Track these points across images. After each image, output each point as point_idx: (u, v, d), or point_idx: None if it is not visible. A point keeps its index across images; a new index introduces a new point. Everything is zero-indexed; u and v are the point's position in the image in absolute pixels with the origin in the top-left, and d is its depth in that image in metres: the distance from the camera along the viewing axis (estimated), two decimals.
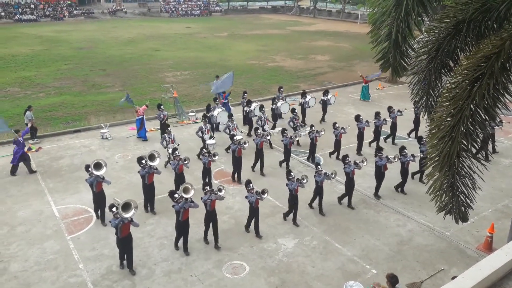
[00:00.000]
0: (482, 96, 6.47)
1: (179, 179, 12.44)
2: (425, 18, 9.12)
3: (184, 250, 10.34)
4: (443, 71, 8.29)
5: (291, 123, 16.69)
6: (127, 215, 9.03)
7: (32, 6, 59.61)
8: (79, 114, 20.44)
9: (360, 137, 16.08)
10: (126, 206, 9.04)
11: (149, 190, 12.10)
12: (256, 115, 17.48)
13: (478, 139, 6.78)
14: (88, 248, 10.51)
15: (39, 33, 45.22)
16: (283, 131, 15.03)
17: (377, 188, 13.12)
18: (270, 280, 9.47)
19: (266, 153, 14.98)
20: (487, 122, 6.75)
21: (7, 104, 21.59)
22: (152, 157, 11.85)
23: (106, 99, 22.76)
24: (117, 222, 9.09)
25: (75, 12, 61.96)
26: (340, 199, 12.72)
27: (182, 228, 10.25)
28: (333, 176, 12.10)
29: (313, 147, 15.36)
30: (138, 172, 12.02)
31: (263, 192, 10.85)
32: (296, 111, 17.13)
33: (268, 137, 15.16)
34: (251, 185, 10.80)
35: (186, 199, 9.97)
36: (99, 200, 11.52)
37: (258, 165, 14.62)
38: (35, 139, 17.08)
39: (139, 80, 27.00)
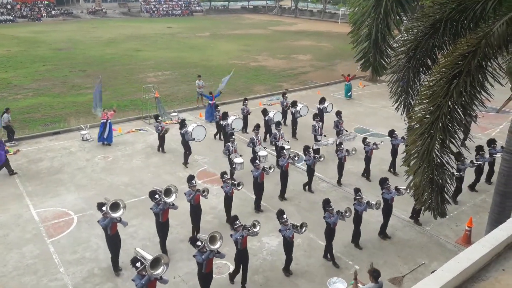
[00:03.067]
0: (459, 93, 6.62)
1: (195, 211, 10.77)
2: (404, 17, 9.27)
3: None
4: (421, 69, 8.45)
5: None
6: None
7: (9, 6, 58.30)
8: (58, 115, 20.07)
9: (394, 154, 14.58)
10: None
11: (163, 228, 10.25)
12: (233, 129, 15.74)
13: (457, 136, 6.93)
14: (69, 251, 10.34)
15: (16, 34, 44.23)
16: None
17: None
18: (254, 279, 9.48)
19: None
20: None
21: None
22: (168, 193, 9.80)
23: (86, 100, 22.38)
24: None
25: (53, 12, 60.85)
26: (380, 231, 11.15)
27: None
28: (377, 206, 10.36)
29: (341, 167, 13.74)
30: (151, 208, 10.02)
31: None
32: (318, 117, 16.02)
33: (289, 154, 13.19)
34: (226, 176, 11.05)
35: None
36: (113, 243, 9.54)
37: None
38: (13, 142, 16.69)
39: (120, 81, 26.67)
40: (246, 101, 18.41)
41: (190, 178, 10.54)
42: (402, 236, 11.08)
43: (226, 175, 11.13)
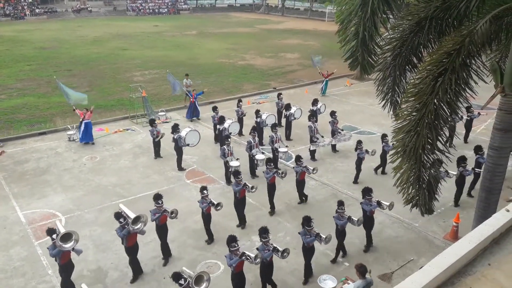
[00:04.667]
0: (445, 91, 6.72)
1: (161, 230, 10.06)
2: (390, 16, 9.36)
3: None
4: (407, 67, 8.55)
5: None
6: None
7: None
8: (44, 116, 19.80)
9: (384, 159, 14.21)
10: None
11: (131, 251, 9.43)
12: (230, 133, 15.40)
13: (443, 133, 7.03)
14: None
15: None
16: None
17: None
18: (247, 278, 9.47)
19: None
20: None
21: None
22: (136, 221, 9.03)
23: None
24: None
25: (37, 11, 59.92)
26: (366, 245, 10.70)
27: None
28: (358, 223, 9.78)
29: (359, 165, 13.61)
30: (116, 230, 9.23)
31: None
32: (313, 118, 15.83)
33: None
34: (205, 192, 10.33)
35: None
36: (65, 270, 8.74)
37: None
38: None
39: (106, 80, 26.40)
40: (240, 103, 18.01)
41: (157, 197, 9.73)
42: (391, 233, 11.21)
43: (205, 191, 10.32)
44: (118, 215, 9.10)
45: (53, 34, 43.51)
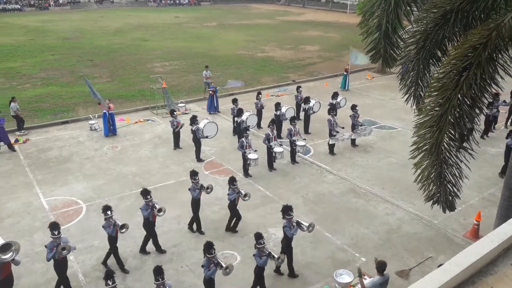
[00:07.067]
0: (469, 86, 6.54)
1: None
2: (414, 8, 9.15)
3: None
4: (431, 61, 8.35)
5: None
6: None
7: None
8: (66, 105, 20.19)
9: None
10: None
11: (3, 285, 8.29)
12: (249, 126, 15.23)
13: (465, 129, 6.87)
14: (78, 239, 10.45)
15: (24, 23, 44.33)
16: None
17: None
18: None
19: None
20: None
21: None
22: (4, 249, 7.84)
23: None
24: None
25: (60, 1, 60.86)
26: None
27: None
28: (310, 229, 9.05)
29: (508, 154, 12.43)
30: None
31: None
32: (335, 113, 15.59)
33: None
34: (196, 178, 10.41)
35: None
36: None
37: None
38: (22, 131, 16.85)
39: (127, 71, 26.71)
40: (260, 95, 17.94)
41: (145, 193, 9.60)
42: (409, 229, 11.07)
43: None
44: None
45: (76, 25, 44.17)
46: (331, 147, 15.34)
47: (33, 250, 10.10)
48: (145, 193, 9.63)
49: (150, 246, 10.11)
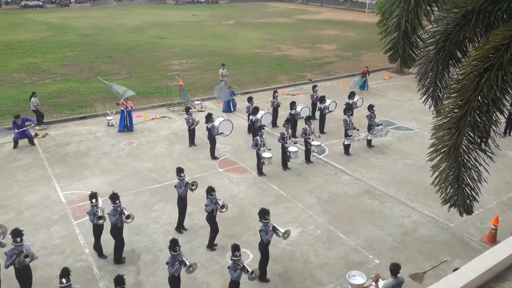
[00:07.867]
0: (490, 87, 6.41)
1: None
2: (434, 7, 9.00)
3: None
4: (451, 62, 8.21)
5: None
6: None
7: None
8: (85, 100, 20.50)
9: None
10: None
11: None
12: (264, 125, 15.03)
13: (485, 131, 6.73)
14: None
15: (45, 20, 45.13)
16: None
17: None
18: (273, 268, 9.54)
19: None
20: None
21: (14, 90, 21.67)
22: None
23: None
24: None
25: None
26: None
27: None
28: (285, 236, 9.07)
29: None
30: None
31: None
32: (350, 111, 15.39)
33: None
34: (182, 175, 10.40)
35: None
36: None
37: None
38: (42, 125, 17.19)
39: (145, 68, 26.97)
40: (276, 93, 17.87)
41: (114, 198, 9.39)
42: (424, 232, 10.92)
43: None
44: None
45: (95, 22, 44.78)
46: (347, 147, 15.23)
47: (50, 243, 10.30)
48: (114, 197, 9.34)
49: (152, 242, 10.19)
